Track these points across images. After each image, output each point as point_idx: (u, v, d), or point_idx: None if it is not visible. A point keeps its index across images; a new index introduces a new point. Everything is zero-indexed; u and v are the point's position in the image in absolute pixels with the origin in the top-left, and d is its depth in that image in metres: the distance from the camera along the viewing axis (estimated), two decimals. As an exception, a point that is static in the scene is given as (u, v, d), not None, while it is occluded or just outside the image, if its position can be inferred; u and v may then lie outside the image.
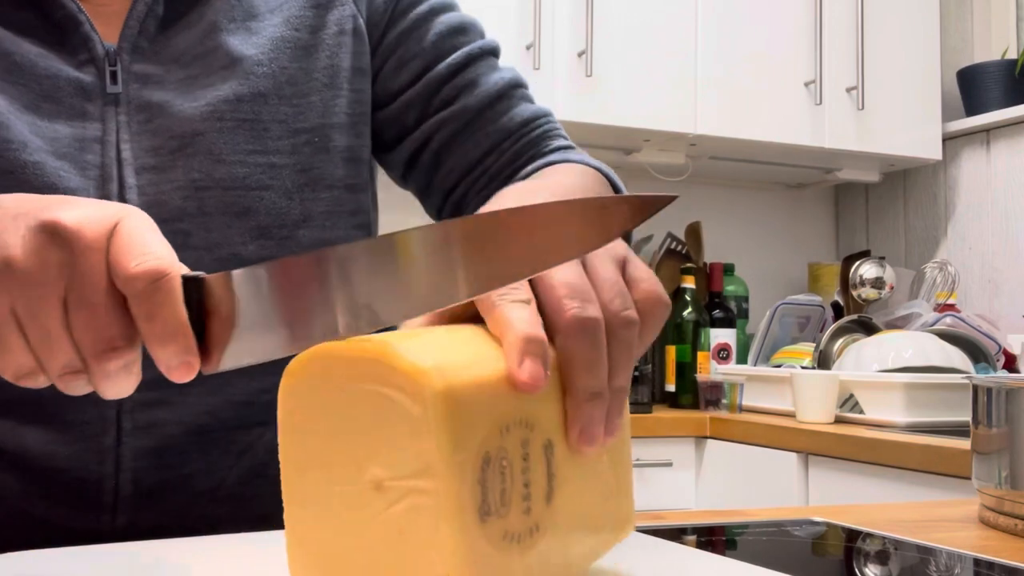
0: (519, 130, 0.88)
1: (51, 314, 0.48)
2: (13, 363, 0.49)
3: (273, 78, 0.78)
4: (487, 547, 0.43)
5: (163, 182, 0.73)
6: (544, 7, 2.26)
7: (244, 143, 0.76)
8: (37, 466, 0.72)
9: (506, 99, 0.88)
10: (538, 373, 0.44)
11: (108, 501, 0.74)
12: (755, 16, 2.49)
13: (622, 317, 0.49)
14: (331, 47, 0.82)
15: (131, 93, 0.74)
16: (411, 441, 0.42)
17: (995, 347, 2.31)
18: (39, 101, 0.72)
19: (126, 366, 0.49)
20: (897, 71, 2.62)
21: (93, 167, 0.72)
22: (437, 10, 0.88)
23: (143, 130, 0.74)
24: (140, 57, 0.75)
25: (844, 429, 1.90)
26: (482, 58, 0.88)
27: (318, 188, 0.80)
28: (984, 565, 0.70)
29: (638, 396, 2.26)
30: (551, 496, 0.47)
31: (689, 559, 0.65)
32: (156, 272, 0.47)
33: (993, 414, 0.83)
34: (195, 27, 0.77)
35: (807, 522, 0.84)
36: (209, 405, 0.77)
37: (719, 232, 2.86)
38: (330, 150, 0.81)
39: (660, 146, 2.54)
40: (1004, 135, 2.63)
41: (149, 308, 0.47)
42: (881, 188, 2.95)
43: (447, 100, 0.86)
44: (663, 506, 2.15)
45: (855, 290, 2.48)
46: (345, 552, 0.45)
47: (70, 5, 0.73)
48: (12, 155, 0.69)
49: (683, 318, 2.51)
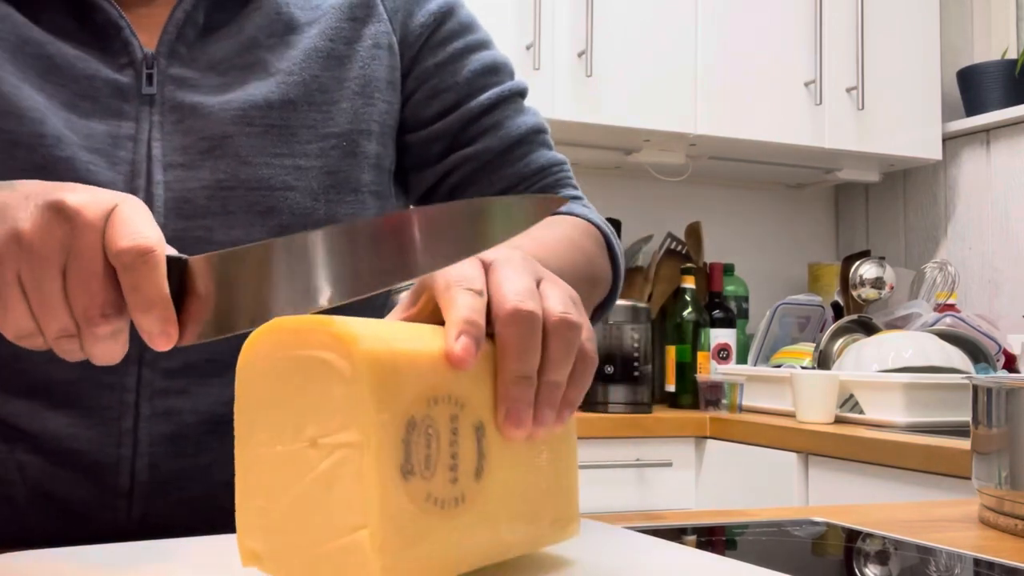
0: (532, 176, 0.92)
1: (51, 282, 0.54)
2: (14, 324, 0.55)
3: (304, 86, 0.81)
4: (408, 503, 0.46)
5: (190, 180, 0.76)
6: (544, 7, 2.26)
7: (271, 147, 0.79)
8: (58, 448, 0.75)
9: (526, 144, 0.92)
10: (470, 349, 0.49)
11: (125, 484, 0.76)
12: (755, 16, 2.49)
13: (561, 315, 0.53)
14: (365, 59, 0.85)
15: (166, 95, 0.77)
16: (342, 400, 0.46)
17: (995, 347, 2.31)
18: (76, 100, 0.75)
19: (113, 333, 0.55)
20: (897, 71, 2.62)
21: (124, 163, 0.75)
22: (473, 47, 0.91)
23: (175, 130, 0.77)
24: (176, 61, 0.78)
25: (844, 429, 1.90)
26: (510, 100, 0.92)
27: (343, 191, 0.82)
28: (984, 565, 0.70)
29: (638, 396, 2.26)
30: (480, 474, 0.51)
31: (690, 559, 0.65)
32: (143, 248, 0.53)
33: (993, 414, 0.83)
34: (234, 38, 0.80)
35: (807, 522, 0.84)
36: (227, 396, 0.78)
37: (719, 232, 2.86)
38: (357, 155, 0.83)
39: (660, 146, 2.54)
40: (1004, 135, 2.63)
41: (135, 279, 0.54)
42: (881, 188, 2.95)
43: (472, 139, 0.90)
44: (663, 506, 2.15)
45: (855, 290, 2.48)
46: (283, 508, 0.48)
47: (111, 12, 0.77)
48: (46, 151, 0.73)
49: (683, 318, 2.51)
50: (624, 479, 2.13)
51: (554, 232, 0.82)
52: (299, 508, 0.48)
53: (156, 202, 0.75)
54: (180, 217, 0.75)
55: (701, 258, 2.68)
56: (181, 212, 0.75)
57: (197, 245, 0.73)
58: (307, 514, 0.47)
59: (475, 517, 0.50)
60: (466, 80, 0.90)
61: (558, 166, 0.94)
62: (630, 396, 2.25)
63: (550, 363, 0.53)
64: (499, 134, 0.90)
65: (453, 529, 0.49)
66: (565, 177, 0.94)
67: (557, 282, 0.57)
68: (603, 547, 0.64)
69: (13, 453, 0.75)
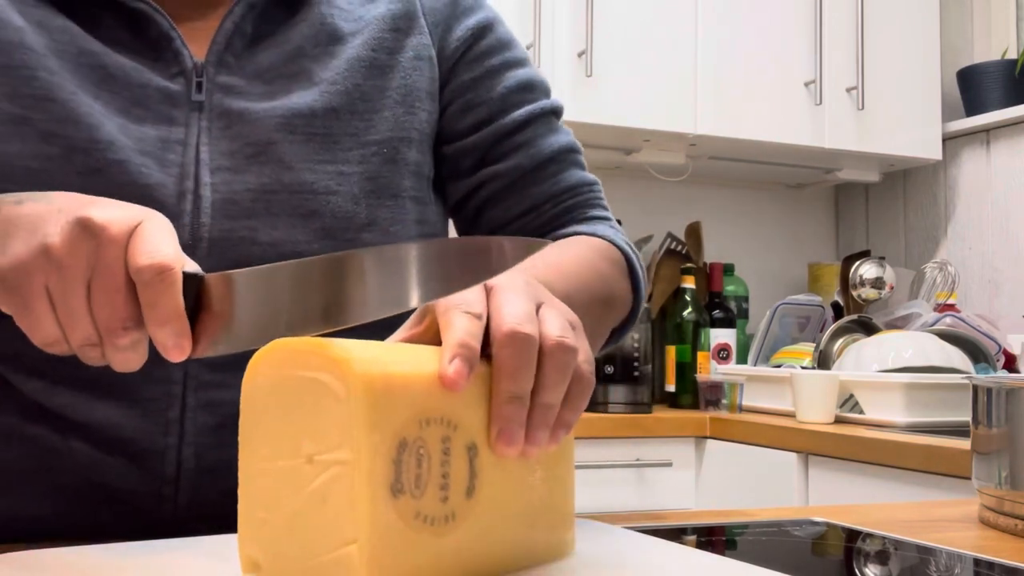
0: (561, 195, 0.93)
1: (77, 294, 0.57)
2: (41, 332, 0.59)
3: (347, 95, 0.84)
4: (397, 520, 0.49)
5: (236, 182, 0.79)
6: (544, 7, 2.26)
7: (314, 153, 0.81)
8: (106, 437, 0.77)
9: (557, 163, 0.93)
10: (462, 372, 0.51)
11: (171, 472, 0.78)
12: (755, 16, 2.49)
13: (557, 339, 0.55)
14: (407, 69, 0.87)
15: (214, 101, 0.80)
16: (337, 419, 0.48)
17: (995, 347, 2.31)
18: (130, 107, 0.79)
19: (133, 344, 0.58)
20: (897, 71, 2.62)
21: (174, 165, 0.78)
22: (510, 64, 0.94)
23: (222, 135, 0.80)
24: (224, 70, 0.81)
25: (844, 429, 1.90)
26: (543, 118, 0.93)
27: (384, 196, 0.84)
28: (984, 565, 0.70)
29: (638, 396, 2.26)
30: (472, 492, 0.53)
31: (690, 558, 0.65)
32: (160, 266, 0.56)
33: (993, 414, 0.83)
34: (281, 47, 0.84)
35: (807, 522, 0.84)
36: None
37: (719, 232, 2.86)
38: (398, 162, 0.86)
39: (660, 146, 2.54)
40: (1004, 135, 2.63)
41: (152, 296, 0.57)
42: (881, 188, 2.95)
43: (503, 155, 0.91)
44: (663, 506, 2.15)
45: (855, 290, 2.48)
46: (281, 521, 0.51)
47: (163, 23, 0.80)
48: (100, 155, 0.76)
49: (683, 318, 2.51)
50: (624, 479, 2.13)
51: (569, 253, 0.84)
52: (296, 521, 0.50)
53: (203, 203, 0.78)
54: (226, 217, 0.78)
55: (701, 258, 2.68)
56: (227, 213, 0.78)
57: (242, 244, 0.78)
58: (303, 527, 0.50)
59: (466, 534, 0.52)
60: (500, 96, 0.92)
61: (588, 186, 0.95)
62: (630, 396, 2.25)
63: (544, 385, 0.55)
64: (530, 152, 0.92)
65: (443, 545, 0.51)
66: (594, 198, 0.95)
67: (557, 306, 0.58)
68: (603, 547, 0.64)
69: (64, 442, 0.78)
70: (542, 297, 0.59)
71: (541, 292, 0.60)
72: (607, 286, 0.86)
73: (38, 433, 0.77)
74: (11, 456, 0.78)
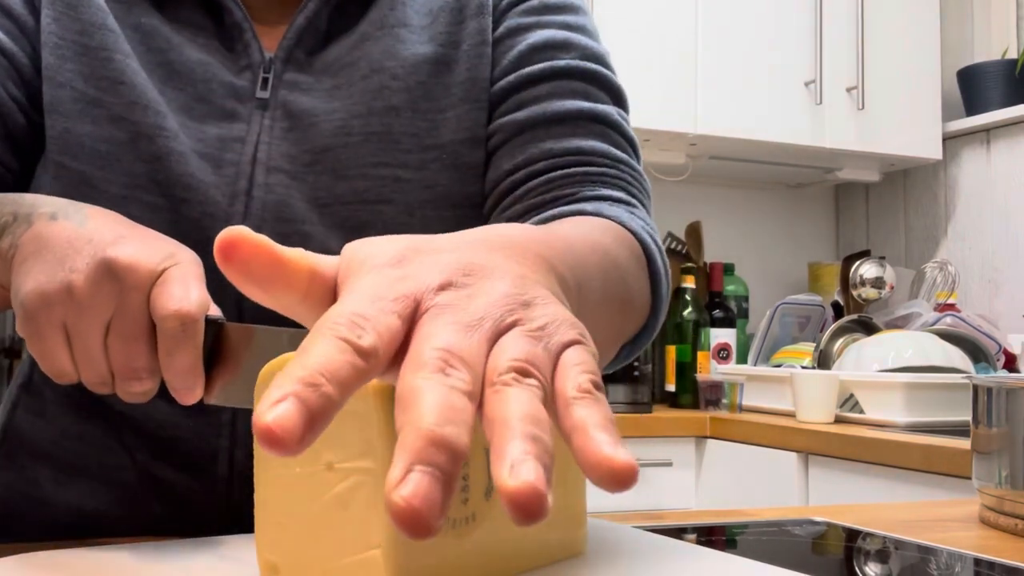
0: (564, 156, 0.78)
1: (94, 336, 0.56)
2: (53, 364, 0.58)
3: (408, 92, 0.80)
4: None
5: (290, 187, 0.78)
6: (544, 7, 2.26)
7: (370, 155, 0.78)
8: (163, 435, 0.78)
9: (570, 125, 0.80)
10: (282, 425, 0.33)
11: (223, 472, 0.79)
12: (755, 16, 2.49)
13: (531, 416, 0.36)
14: (471, 58, 0.82)
15: (279, 99, 0.79)
16: (358, 431, 0.48)
17: (995, 347, 2.31)
18: (192, 103, 0.78)
19: (144, 393, 0.58)
20: (897, 71, 2.62)
21: (230, 165, 0.77)
22: (546, 24, 0.83)
23: (283, 137, 0.78)
24: (292, 66, 0.79)
25: (844, 429, 1.90)
26: (566, 78, 0.81)
27: (441, 206, 0.80)
28: (984, 565, 0.70)
29: (638, 396, 2.26)
30: (490, 493, 0.52)
31: (701, 556, 0.65)
32: (183, 315, 0.55)
33: (993, 414, 0.83)
34: (349, 38, 0.81)
35: (807, 522, 0.84)
36: None
37: (719, 232, 2.86)
38: (459, 167, 0.80)
39: (660, 146, 2.54)
40: (1004, 135, 2.63)
41: (171, 345, 0.56)
42: (881, 188, 2.95)
43: (509, 110, 0.81)
44: (663, 506, 2.15)
45: (855, 290, 2.48)
46: (300, 525, 0.51)
47: (238, 13, 0.79)
48: (164, 142, 0.76)
49: (683, 318, 2.51)
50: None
51: (576, 234, 0.63)
52: (316, 524, 0.50)
53: (255, 204, 0.77)
54: (279, 220, 0.77)
55: (701, 258, 2.68)
56: (280, 216, 0.77)
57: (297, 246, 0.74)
58: (324, 530, 0.50)
59: (485, 534, 0.52)
60: (528, 48, 0.82)
61: (611, 160, 0.79)
62: (630, 396, 2.25)
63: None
64: (539, 108, 0.80)
65: (464, 546, 0.51)
66: (619, 176, 0.79)
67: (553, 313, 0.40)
68: (613, 544, 0.64)
69: (123, 437, 0.79)
70: (534, 294, 0.40)
71: (533, 288, 0.41)
72: (624, 283, 0.67)
73: (96, 431, 0.79)
74: (72, 451, 0.79)
